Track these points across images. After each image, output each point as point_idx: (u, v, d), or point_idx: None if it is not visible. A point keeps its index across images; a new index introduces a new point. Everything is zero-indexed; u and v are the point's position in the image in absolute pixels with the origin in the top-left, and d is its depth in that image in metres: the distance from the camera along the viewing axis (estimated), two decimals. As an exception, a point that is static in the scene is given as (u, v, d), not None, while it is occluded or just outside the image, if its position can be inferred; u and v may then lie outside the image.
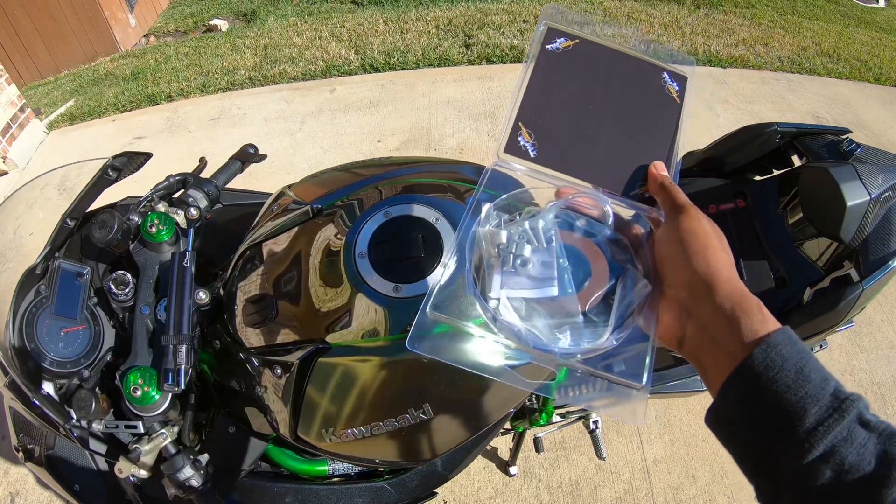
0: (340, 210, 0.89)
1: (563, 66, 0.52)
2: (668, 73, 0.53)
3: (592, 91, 0.51)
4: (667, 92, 0.52)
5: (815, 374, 0.33)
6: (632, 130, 0.50)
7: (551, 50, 0.52)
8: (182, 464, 0.79)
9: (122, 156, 0.99)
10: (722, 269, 0.39)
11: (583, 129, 0.50)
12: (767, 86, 3.71)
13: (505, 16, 4.50)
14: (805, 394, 0.33)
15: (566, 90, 0.51)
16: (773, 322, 0.36)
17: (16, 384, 0.79)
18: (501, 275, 0.39)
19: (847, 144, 1.08)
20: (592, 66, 0.52)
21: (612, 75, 0.52)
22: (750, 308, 0.37)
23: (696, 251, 0.40)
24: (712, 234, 0.41)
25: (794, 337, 0.35)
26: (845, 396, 0.33)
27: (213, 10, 6.16)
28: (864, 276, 1.00)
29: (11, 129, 3.11)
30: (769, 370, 0.34)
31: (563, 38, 0.53)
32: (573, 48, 0.52)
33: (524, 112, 0.50)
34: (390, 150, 3.01)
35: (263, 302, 0.86)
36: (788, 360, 0.34)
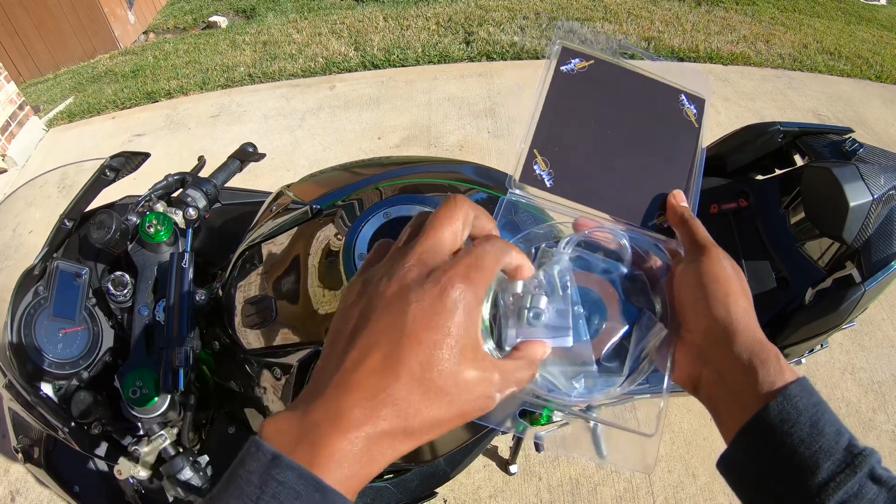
0: (340, 210, 0.88)
1: (578, 89, 0.49)
2: (685, 95, 0.51)
3: (609, 115, 0.49)
4: (685, 115, 0.50)
5: (830, 427, 0.34)
6: (650, 157, 0.49)
7: (566, 71, 0.50)
8: (182, 465, 0.79)
9: (120, 156, 0.98)
10: (742, 318, 0.38)
11: (599, 156, 0.48)
12: (769, 83, 3.70)
13: (505, 12, 4.48)
14: (819, 448, 0.33)
15: (582, 114, 0.49)
16: (791, 372, 0.36)
17: (15, 386, 0.78)
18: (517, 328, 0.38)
19: (850, 144, 1.07)
20: (608, 88, 0.50)
21: (629, 98, 0.50)
22: (768, 358, 0.36)
23: (717, 298, 0.39)
24: (734, 279, 0.40)
25: (810, 388, 0.35)
26: (858, 451, 0.33)
27: (213, 7, 6.14)
28: (866, 277, 0.99)
29: (10, 127, 3.10)
30: (784, 423, 0.34)
31: (578, 58, 0.50)
32: (588, 69, 0.50)
33: (539, 138, 0.47)
34: (390, 146, 3.01)
35: (263, 303, 0.86)
36: (804, 413, 0.34)
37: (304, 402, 0.30)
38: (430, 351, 0.29)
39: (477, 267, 0.32)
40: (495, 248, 0.33)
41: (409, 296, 0.30)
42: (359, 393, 0.29)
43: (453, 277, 0.31)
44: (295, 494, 0.26)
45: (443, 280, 0.31)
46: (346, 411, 0.29)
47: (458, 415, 0.31)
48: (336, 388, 0.29)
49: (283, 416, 0.30)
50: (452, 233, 0.33)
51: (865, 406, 1.91)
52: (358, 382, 0.29)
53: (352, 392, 0.29)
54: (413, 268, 0.32)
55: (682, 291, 0.41)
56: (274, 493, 0.26)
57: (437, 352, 0.29)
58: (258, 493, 0.26)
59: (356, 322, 0.31)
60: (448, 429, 0.31)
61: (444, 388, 0.30)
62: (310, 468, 0.27)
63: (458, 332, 0.30)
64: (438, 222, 0.33)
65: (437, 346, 0.30)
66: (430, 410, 0.30)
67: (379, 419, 0.29)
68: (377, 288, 0.32)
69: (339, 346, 0.31)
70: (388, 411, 0.29)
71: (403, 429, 0.29)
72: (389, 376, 0.29)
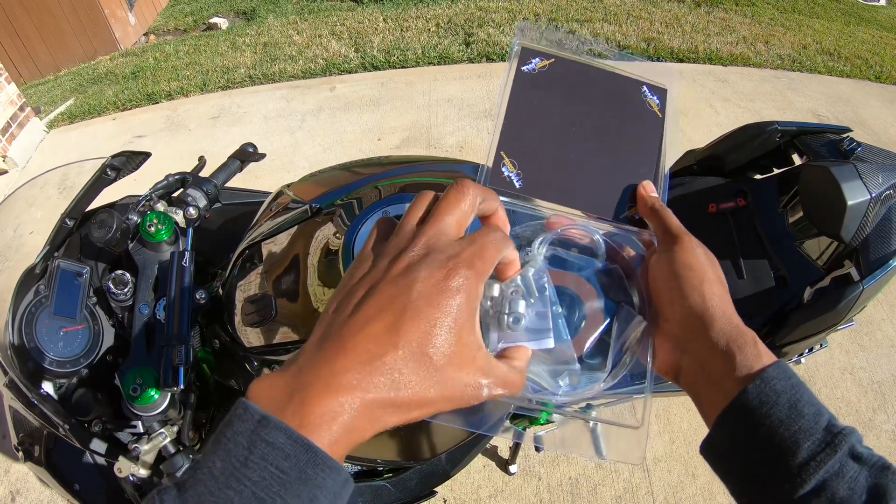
0: (339, 209, 0.88)
1: (540, 88, 0.50)
2: (647, 86, 0.51)
3: (573, 111, 0.49)
4: (648, 107, 0.51)
5: (809, 408, 0.34)
6: (616, 150, 0.49)
7: (527, 71, 0.50)
8: (182, 463, 0.79)
9: (121, 155, 0.99)
10: (717, 304, 0.39)
11: (567, 152, 0.48)
12: (768, 84, 3.70)
13: (505, 14, 4.49)
14: (798, 428, 0.33)
15: (546, 113, 0.49)
16: (769, 356, 0.37)
17: (15, 384, 0.79)
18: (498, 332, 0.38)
19: (847, 143, 1.08)
20: (570, 85, 0.50)
21: (592, 93, 0.50)
22: (745, 343, 0.37)
23: (692, 286, 0.39)
24: (708, 267, 0.40)
25: (788, 371, 0.36)
26: (838, 430, 0.33)
27: (213, 9, 6.15)
28: (864, 276, 0.99)
29: (11, 128, 3.10)
30: (763, 405, 0.34)
31: (538, 57, 0.51)
32: (549, 68, 0.50)
33: (505, 141, 0.48)
34: (390, 148, 3.01)
35: (262, 301, 0.86)
36: (782, 394, 0.34)
37: (296, 364, 0.30)
38: (430, 327, 0.30)
39: (481, 256, 0.33)
40: (497, 240, 0.34)
41: (416, 274, 0.31)
42: (355, 357, 0.29)
43: (459, 263, 0.32)
44: (284, 455, 0.26)
45: (449, 264, 0.32)
46: (340, 374, 0.29)
47: (447, 397, 0.31)
48: (333, 351, 0.30)
49: (273, 376, 0.30)
50: (459, 217, 0.35)
51: (865, 406, 1.91)
52: (356, 346, 0.30)
53: (348, 355, 0.29)
54: (421, 249, 0.33)
55: (657, 281, 0.42)
56: (263, 455, 0.26)
57: (437, 329, 0.30)
58: (246, 454, 0.26)
59: (362, 294, 0.32)
60: (435, 410, 0.32)
61: (438, 365, 0.30)
62: (299, 429, 0.27)
63: (458, 314, 0.31)
64: (446, 207, 0.35)
65: (438, 323, 0.30)
66: (420, 386, 0.30)
67: (371, 385, 0.29)
68: (385, 263, 0.33)
69: (341, 314, 0.32)
70: (382, 379, 0.29)
71: (393, 400, 0.30)
72: (388, 344, 0.30)
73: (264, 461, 0.26)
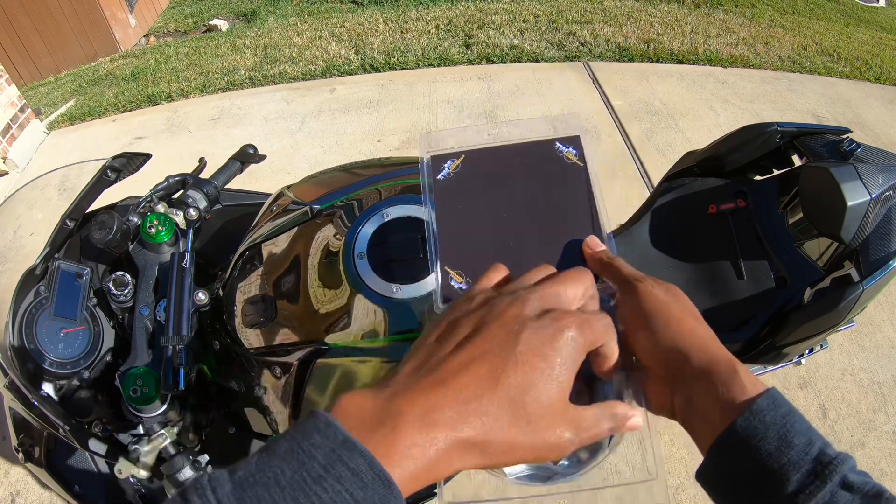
0: (339, 211, 0.88)
1: (461, 190, 0.50)
2: (558, 141, 0.51)
3: (498, 198, 0.49)
4: (566, 160, 0.51)
5: (800, 438, 0.33)
6: (552, 216, 0.49)
7: (443, 179, 0.50)
8: (182, 464, 0.79)
9: (122, 156, 0.99)
10: (690, 341, 0.38)
11: (506, 241, 0.48)
12: (768, 85, 3.70)
13: (505, 15, 4.50)
14: (787, 461, 0.33)
15: (474, 212, 0.49)
16: (756, 385, 0.36)
17: (16, 385, 0.78)
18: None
19: (847, 144, 1.08)
20: (487, 173, 0.50)
21: (510, 172, 0.50)
22: (726, 374, 0.37)
23: (658, 330, 0.39)
24: (670, 305, 0.40)
25: (779, 400, 0.35)
26: (829, 460, 0.33)
27: (213, 10, 6.16)
28: (864, 276, 0.99)
29: (11, 130, 3.11)
30: (751, 438, 0.34)
31: (449, 160, 0.51)
32: (462, 166, 0.51)
33: (446, 255, 0.48)
34: (390, 149, 3.01)
35: (263, 303, 0.86)
36: (771, 426, 0.34)
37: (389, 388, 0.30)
38: (532, 376, 0.31)
39: (591, 325, 0.34)
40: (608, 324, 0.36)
41: (528, 322, 0.32)
42: (454, 394, 0.29)
43: (571, 322, 0.33)
44: (361, 484, 0.26)
45: (562, 321, 0.32)
46: (436, 409, 0.29)
47: (534, 447, 0.31)
48: (431, 383, 0.30)
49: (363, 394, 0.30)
50: (577, 292, 0.36)
51: (865, 407, 1.91)
52: (457, 383, 0.30)
53: (448, 391, 0.29)
54: (535, 301, 0.34)
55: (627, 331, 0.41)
56: (339, 477, 0.25)
57: (538, 380, 0.31)
58: (321, 472, 0.25)
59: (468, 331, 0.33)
60: (519, 459, 0.32)
61: (533, 415, 0.31)
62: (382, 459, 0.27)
63: (561, 369, 0.32)
64: (569, 277, 0.36)
65: (541, 374, 0.31)
66: (511, 432, 0.30)
67: (465, 426, 0.29)
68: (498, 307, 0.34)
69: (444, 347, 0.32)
70: (477, 421, 0.29)
71: (483, 443, 0.30)
72: (489, 387, 0.30)
73: (339, 485, 0.25)
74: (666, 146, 3.02)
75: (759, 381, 0.37)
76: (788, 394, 1.95)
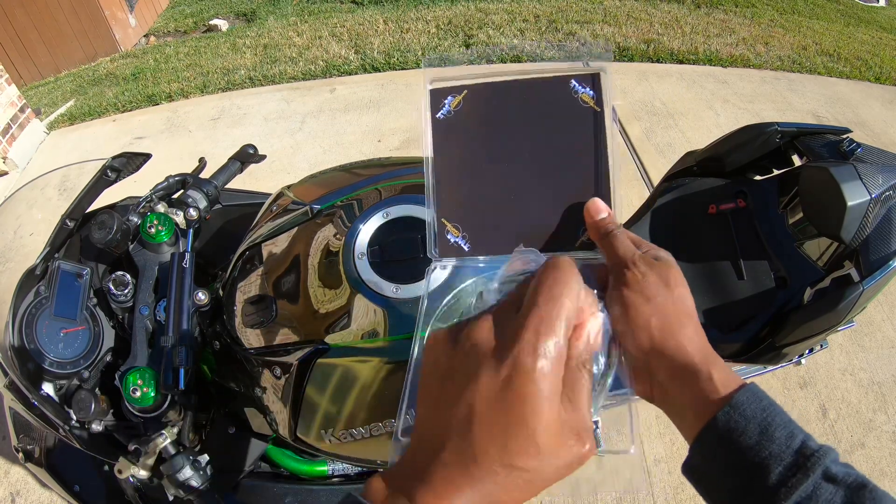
0: (340, 210, 0.88)
1: (461, 132, 0.44)
2: (574, 80, 0.44)
3: (501, 144, 0.44)
4: (581, 102, 0.43)
5: (781, 431, 0.34)
6: (557, 169, 0.43)
7: (443, 118, 0.44)
8: (182, 464, 0.79)
9: (122, 156, 0.99)
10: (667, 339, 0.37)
11: (506, 195, 0.43)
12: (768, 85, 3.71)
13: (505, 15, 4.50)
14: (769, 454, 0.33)
15: (474, 158, 0.44)
16: (735, 380, 0.36)
17: (16, 385, 0.79)
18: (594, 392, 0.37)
19: (847, 144, 1.08)
20: (490, 112, 0.44)
21: (515, 113, 0.44)
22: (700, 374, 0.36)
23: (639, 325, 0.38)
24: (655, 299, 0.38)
25: (759, 394, 0.35)
26: (811, 452, 0.33)
27: (213, 10, 6.16)
28: (864, 276, 0.99)
29: (11, 130, 3.11)
30: (732, 432, 0.34)
31: (450, 95, 0.45)
32: (464, 103, 0.44)
33: (444, 206, 0.43)
34: (390, 149, 3.01)
35: (263, 303, 0.86)
36: (752, 420, 0.34)
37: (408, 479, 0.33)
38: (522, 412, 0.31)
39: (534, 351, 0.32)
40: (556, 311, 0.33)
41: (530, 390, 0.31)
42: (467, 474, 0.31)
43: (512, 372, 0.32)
44: None
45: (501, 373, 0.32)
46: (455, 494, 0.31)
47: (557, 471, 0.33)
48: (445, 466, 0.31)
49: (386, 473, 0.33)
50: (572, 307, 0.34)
51: (865, 407, 1.91)
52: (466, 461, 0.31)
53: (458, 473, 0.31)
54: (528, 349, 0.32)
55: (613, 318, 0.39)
56: None
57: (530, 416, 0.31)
58: None
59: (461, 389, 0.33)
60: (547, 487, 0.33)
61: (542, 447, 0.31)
62: None
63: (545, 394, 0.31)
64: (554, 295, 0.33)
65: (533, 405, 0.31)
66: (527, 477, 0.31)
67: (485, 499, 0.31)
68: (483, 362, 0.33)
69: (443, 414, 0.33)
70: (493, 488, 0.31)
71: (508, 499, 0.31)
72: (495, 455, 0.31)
73: None
74: (666, 146, 3.02)
75: (737, 376, 0.37)
76: (788, 394, 1.95)
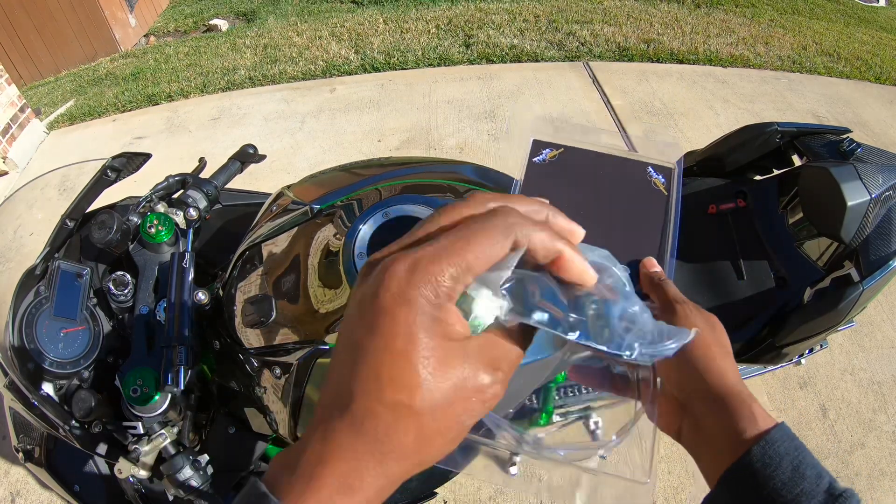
0: (340, 210, 0.88)
1: (550, 177, 0.52)
2: (651, 167, 0.53)
3: (582, 198, 0.51)
4: (654, 186, 0.52)
5: (811, 470, 0.34)
6: (623, 230, 0.51)
7: (538, 163, 0.52)
8: (182, 464, 0.79)
9: (122, 156, 0.99)
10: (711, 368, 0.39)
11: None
12: (768, 85, 3.70)
13: (505, 15, 4.49)
14: (801, 491, 0.34)
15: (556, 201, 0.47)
16: (768, 418, 0.37)
17: (16, 385, 0.79)
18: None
19: (847, 144, 1.08)
20: (579, 172, 0.53)
21: (599, 178, 0.52)
22: (741, 405, 0.38)
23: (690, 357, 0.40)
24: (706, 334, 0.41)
25: (790, 433, 0.36)
26: (839, 493, 0.34)
27: (213, 10, 6.16)
28: (864, 276, 0.99)
29: (11, 130, 3.10)
30: (766, 468, 0.35)
31: (548, 148, 0.53)
32: (558, 157, 0.53)
33: None
34: (390, 149, 3.01)
35: (263, 302, 0.86)
36: (785, 457, 0.35)
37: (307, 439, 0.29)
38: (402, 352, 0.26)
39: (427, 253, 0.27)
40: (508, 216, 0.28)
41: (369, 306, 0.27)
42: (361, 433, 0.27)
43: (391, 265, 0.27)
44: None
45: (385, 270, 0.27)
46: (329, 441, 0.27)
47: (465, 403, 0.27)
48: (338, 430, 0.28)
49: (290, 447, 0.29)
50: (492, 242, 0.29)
51: (865, 407, 1.91)
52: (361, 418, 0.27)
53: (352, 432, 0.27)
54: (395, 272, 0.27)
55: None
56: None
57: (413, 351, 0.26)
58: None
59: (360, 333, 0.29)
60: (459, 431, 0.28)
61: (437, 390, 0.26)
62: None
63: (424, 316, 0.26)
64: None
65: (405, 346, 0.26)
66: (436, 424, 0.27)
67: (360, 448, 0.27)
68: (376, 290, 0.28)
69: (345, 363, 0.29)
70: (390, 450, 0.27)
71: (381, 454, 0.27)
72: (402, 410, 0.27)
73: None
74: (666, 146, 3.01)
75: (770, 415, 0.38)
76: (788, 394, 1.95)
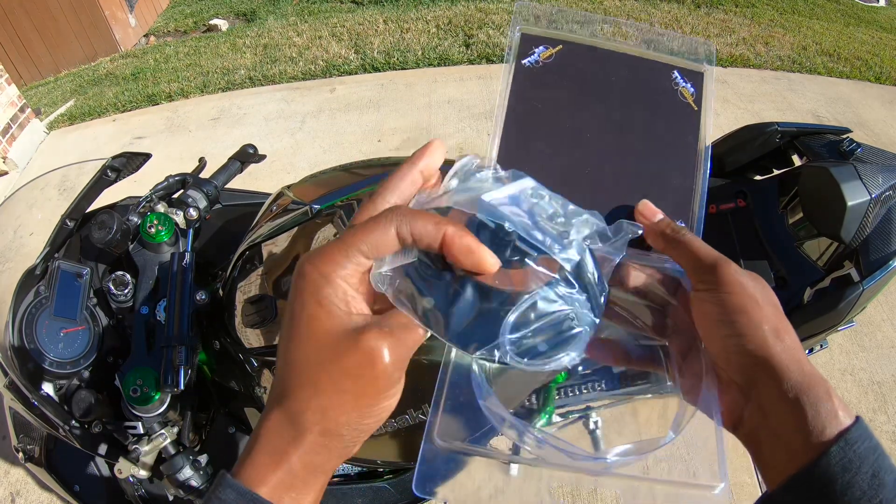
0: (340, 210, 0.88)
1: (546, 85, 0.41)
2: (678, 71, 0.41)
3: (587, 111, 0.40)
4: (680, 97, 0.41)
5: (889, 475, 0.30)
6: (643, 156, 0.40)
7: (529, 65, 0.41)
8: (182, 464, 0.79)
9: (121, 156, 0.99)
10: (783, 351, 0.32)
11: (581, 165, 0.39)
12: (768, 85, 3.70)
13: (505, 15, 4.49)
14: (882, 499, 0.30)
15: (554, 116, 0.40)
16: (846, 412, 0.31)
17: (16, 385, 0.79)
18: None
19: (847, 144, 1.08)
20: (583, 77, 0.41)
21: (610, 85, 0.41)
22: (818, 397, 0.31)
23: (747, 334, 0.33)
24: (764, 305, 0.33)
25: (868, 430, 0.31)
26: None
27: (213, 10, 6.16)
28: (864, 276, 0.99)
29: (11, 129, 3.10)
30: (846, 472, 0.30)
31: (543, 45, 0.42)
32: (556, 57, 0.41)
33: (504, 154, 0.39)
34: (390, 149, 3.01)
35: (263, 302, 0.86)
36: (865, 460, 0.30)
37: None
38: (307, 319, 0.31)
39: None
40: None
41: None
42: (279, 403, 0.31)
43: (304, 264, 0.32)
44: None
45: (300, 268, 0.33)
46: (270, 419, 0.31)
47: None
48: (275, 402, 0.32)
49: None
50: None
51: (866, 406, 1.91)
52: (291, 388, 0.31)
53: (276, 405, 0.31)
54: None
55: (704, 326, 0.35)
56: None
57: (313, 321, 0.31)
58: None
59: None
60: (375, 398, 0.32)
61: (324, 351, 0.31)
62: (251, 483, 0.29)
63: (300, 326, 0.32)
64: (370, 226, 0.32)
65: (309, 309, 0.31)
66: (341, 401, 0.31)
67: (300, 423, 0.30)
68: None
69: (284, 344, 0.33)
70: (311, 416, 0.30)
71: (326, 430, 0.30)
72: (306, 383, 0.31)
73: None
74: (666, 146, 3.01)
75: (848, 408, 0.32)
76: (788, 394, 1.95)
